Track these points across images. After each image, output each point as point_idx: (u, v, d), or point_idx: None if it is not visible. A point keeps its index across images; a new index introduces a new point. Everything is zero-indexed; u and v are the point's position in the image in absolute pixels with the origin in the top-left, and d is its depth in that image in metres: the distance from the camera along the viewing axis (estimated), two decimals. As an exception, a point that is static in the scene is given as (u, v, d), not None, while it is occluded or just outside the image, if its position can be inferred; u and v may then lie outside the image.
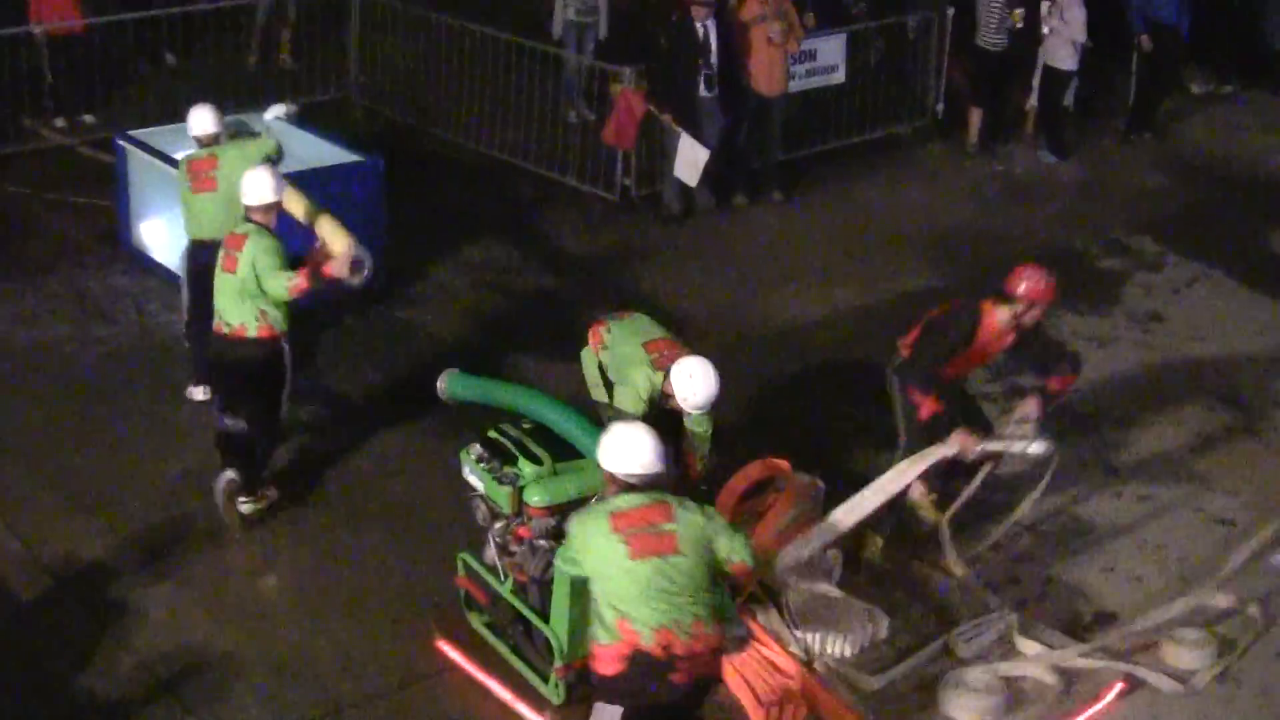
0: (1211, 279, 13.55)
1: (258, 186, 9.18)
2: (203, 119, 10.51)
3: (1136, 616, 8.71)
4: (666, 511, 6.74)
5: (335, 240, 9.50)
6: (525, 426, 8.25)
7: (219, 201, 10.02)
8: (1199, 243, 14.25)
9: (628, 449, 6.82)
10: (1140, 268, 13.77)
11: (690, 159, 13.85)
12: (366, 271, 9.57)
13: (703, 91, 13.80)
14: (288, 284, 8.91)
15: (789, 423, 10.64)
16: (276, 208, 9.30)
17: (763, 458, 8.96)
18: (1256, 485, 10.27)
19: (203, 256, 9.87)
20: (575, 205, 14.44)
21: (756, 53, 14.20)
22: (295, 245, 9.46)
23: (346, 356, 11.33)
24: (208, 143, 10.49)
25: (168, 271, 11.86)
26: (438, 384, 9.45)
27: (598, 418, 8.62)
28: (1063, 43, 15.96)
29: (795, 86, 15.09)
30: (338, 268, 9.32)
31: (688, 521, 6.74)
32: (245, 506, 9.24)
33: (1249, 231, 14.66)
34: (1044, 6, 15.91)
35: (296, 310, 9.39)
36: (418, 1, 16.62)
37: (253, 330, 9.07)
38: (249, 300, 9.00)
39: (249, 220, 9.16)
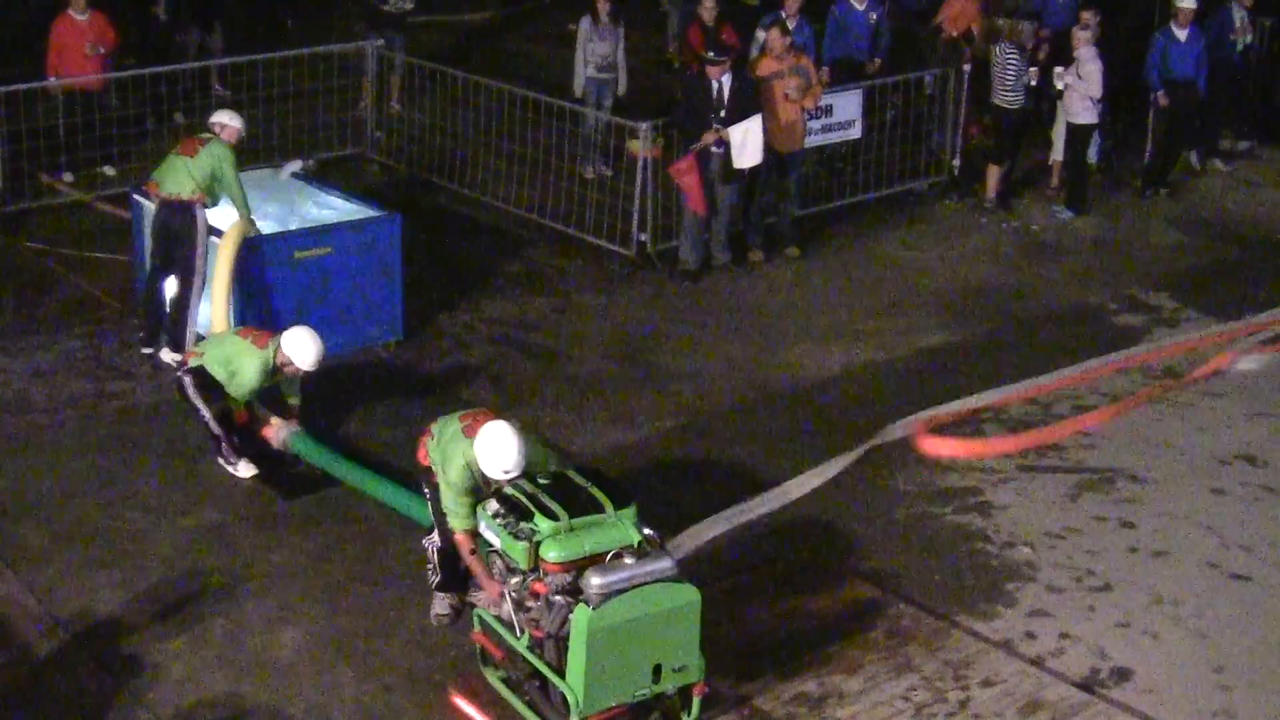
0: (1228, 335, 13.56)
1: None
2: (223, 115, 12.08)
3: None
4: None
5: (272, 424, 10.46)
6: (541, 482, 8.25)
7: (192, 167, 11.63)
8: (1216, 299, 14.25)
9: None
10: (1157, 324, 13.76)
11: (747, 141, 13.87)
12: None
13: (714, 148, 13.82)
14: (241, 394, 10.22)
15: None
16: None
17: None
18: (1272, 541, 10.24)
19: (163, 214, 11.72)
20: (592, 261, 14.49)
21: (773, 108, 14.24)
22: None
23: (362, 410, 11.34)
24: (215, 131, 11.94)
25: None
26: (280, 434, 10.17)
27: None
28: (1080, 98, 16.00)
29: (812, 142, 15.15)
30: (271, 435, 10.34)
31: None
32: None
33: (1265, 288, 14.64)
34: (1057, 69, 15.95)
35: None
36: (435, 58, 16.72)
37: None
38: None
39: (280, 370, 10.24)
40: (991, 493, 10.71)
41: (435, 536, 8.76)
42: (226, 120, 11.99)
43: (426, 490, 8.79)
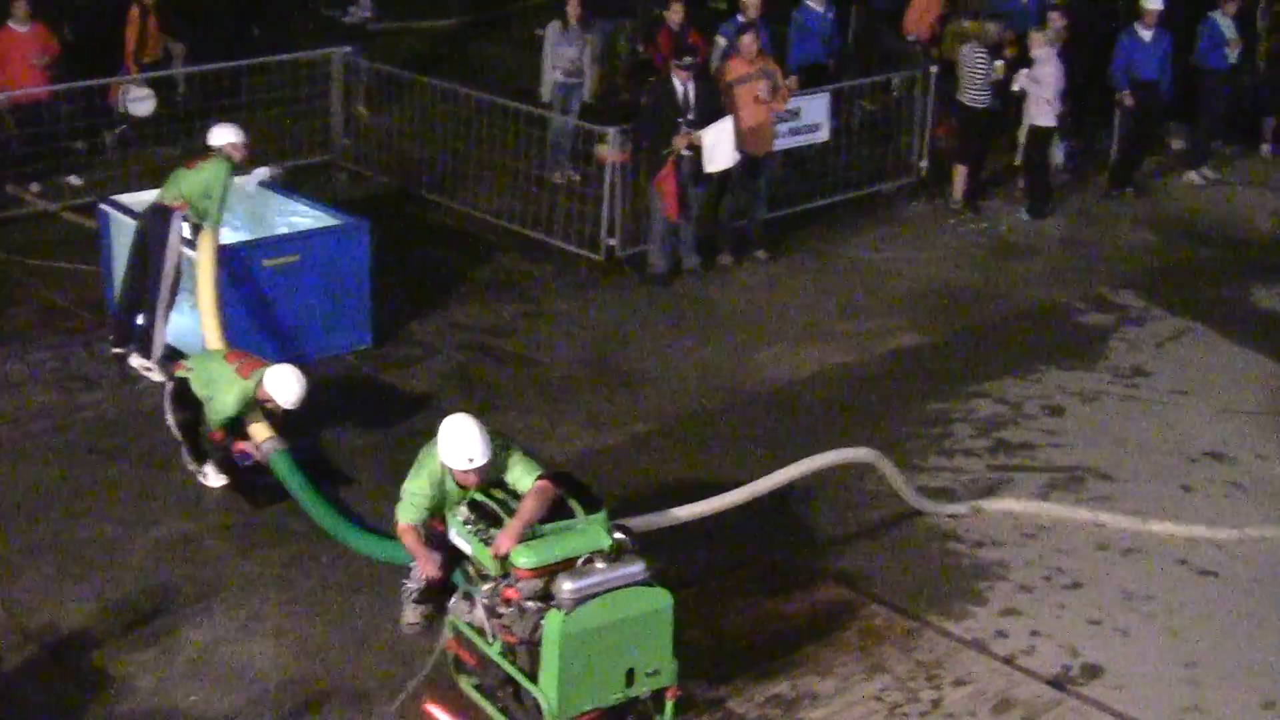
0: (1195, 333, 13.62)
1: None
2: (220, 133, 11.90)
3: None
4: None
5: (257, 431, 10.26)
6: (512, 489, 8.24)
7: (187, 179, 11.64)
8: (1182, 297, 14.34)
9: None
10: (1125, 322, 13.83)
11: (719, 143, 13.89)
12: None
13: (685, 151, 13.83)
14: (217, 419, 10.06)
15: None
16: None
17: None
18: (1240, 537, 10.30)
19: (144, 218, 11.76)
20: (561, 266, 14.48)
21: (742, 112, 14.26)
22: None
23: (332, 418, 11.31)
24: (223, 149, 11.83)
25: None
26: (264, 446, 10.03)
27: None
28: (1038, 100, 16.06)
29: (780, 145, 15.18)
30: (249, 446, 10.19)
31: None
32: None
33: (1231, 286, 14.74)
34: (1023, 71, 16.00)
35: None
36: (401, 65, 16.69)
37: None
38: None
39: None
40: (962, 492, 10.75)
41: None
42: (233, 138, 11.83)
43: None
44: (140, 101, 15.50)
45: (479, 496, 8.27)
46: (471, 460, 8.17)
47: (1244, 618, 9.41)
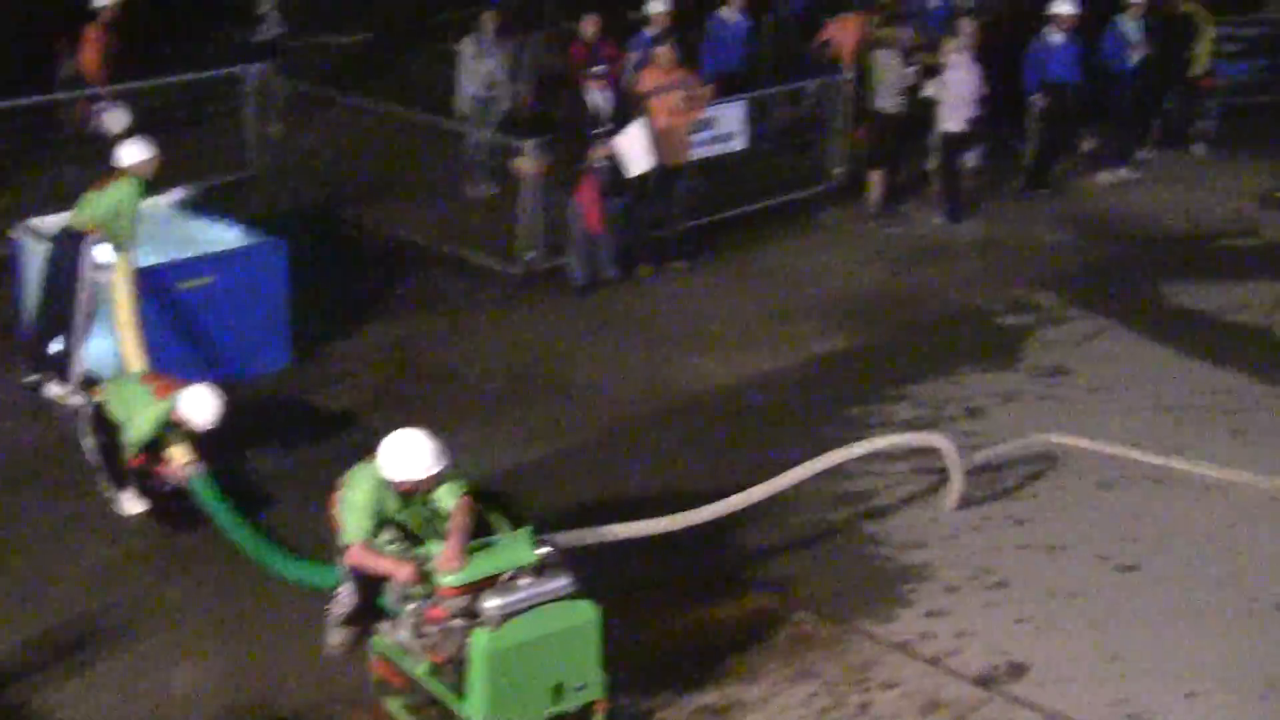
0: (1113, 332, 13.75)
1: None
2: (128, 151, 11.76)
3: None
4: None
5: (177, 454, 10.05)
6: (434, 507, 8.20)
7: (97, 202, 11.55)
8: (1099, 297, 14.49)
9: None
10: (1043, 323, 13.95)
11: (634, 148, 13.89)
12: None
13: (603, 162, 13.83)
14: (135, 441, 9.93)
15: (706, 491, 10.65)
16: None
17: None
18: (1160, 532, 10.42)
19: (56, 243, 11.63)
20: (481, 281, 14.44)
21: (658, 122, 14.28)
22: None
23: (253, 439, 11.21)
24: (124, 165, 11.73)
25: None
26: (184, 469, 9.86)
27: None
28: (948, 106, 16.18)
29: (696, 154, 15.20)
30: (169, 470, 10.00)
31: None
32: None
33: (1147, 284, 14.91)
34: (938, 78, 16.12)
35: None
36: (317, 81, 16.61)
37: None
38: None
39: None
40: (886, 495, 10.80)
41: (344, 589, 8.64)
42: (142, 155, 11.72)
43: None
44: (115, 120, 15.15)
45: (400, 517, 8.23)
46: (431, 468, 8.09)
47: (1164, 611, 9.50)
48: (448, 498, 8.16)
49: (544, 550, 7.96)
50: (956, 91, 16.08)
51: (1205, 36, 18.60)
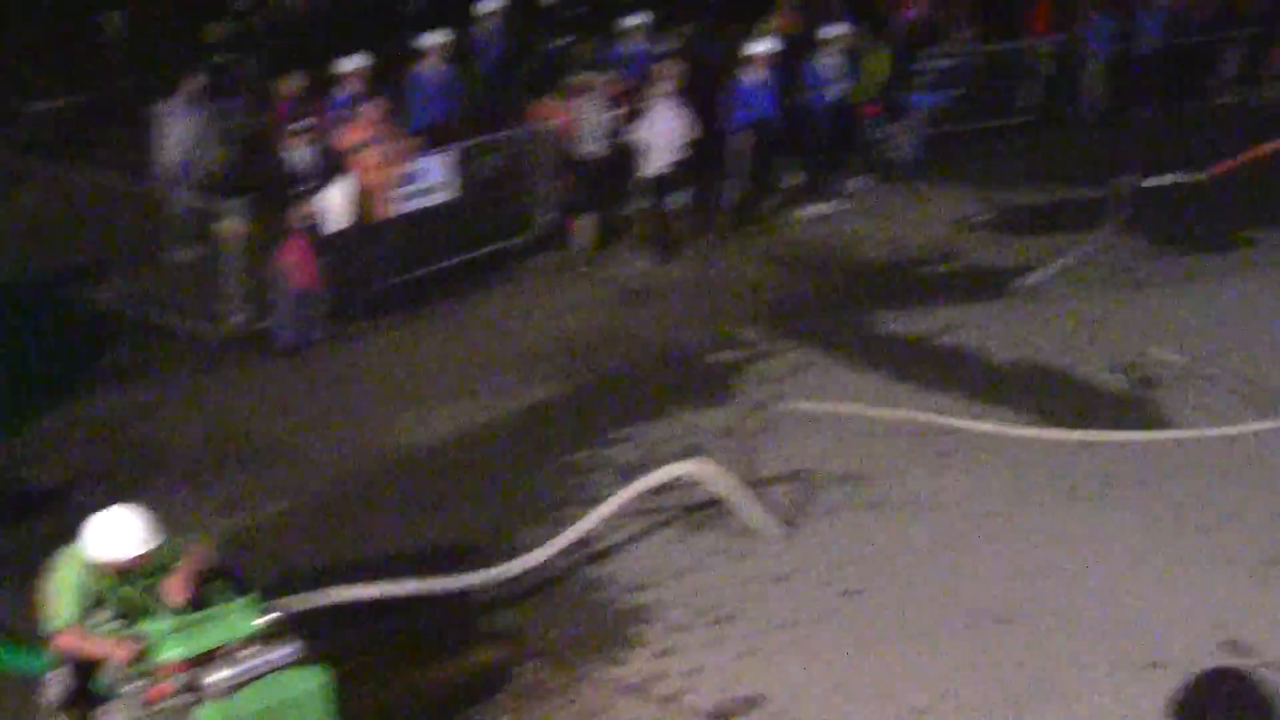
0: (822, 362, 14.04)
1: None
2: None
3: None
4: None
5: None
6: (148, 582, 7.96)
7: None
8: (809, 329, 14.78)
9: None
10: (754, 358, 14.19)
11: (336, 205, 13.75)
12: None
13: (306, 220, 13.67)
14: None
15: (425, 551, 10.58)
16: None
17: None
18: (879, 554, 10.66)
19: None
20: (188, 346, 14.07)
21: (361, 178, 14.17)
22: None
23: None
24: None
25: None
26: None
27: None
28: (651, 150, 16.42)
29: (402, 208, 15.12)
30: None
31: None
32: None
33: (854, 314, 15.28)
34: (642, 122, 16.37)
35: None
36: (20, 150, 16.06)
37: None
38: None
39: None
40: (609, 536, 10.85)
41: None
42: None
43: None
44: None
45: (114, 595, 7.95)
46: (141, 545, 7.80)
47: (889, 633, 9.71)
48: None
49: (268, 618, 7.80)
50: (660, 134, 16.33)
51: (870, 66, 19.21)
